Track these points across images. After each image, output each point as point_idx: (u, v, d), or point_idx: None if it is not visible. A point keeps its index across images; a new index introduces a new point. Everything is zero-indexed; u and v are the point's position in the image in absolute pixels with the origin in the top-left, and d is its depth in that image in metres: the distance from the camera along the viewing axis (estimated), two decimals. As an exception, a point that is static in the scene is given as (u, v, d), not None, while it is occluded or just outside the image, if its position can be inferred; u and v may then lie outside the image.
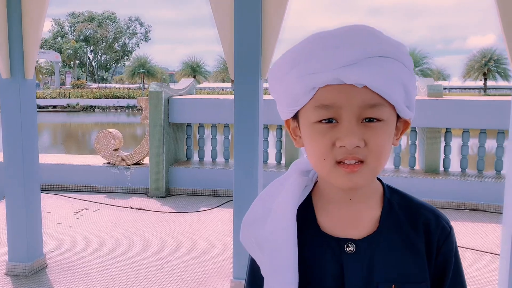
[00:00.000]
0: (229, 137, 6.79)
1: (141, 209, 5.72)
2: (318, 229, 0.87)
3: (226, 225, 5.05)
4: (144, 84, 56.55)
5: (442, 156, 6.15)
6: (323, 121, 0.79)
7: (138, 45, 68.43)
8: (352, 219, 0.86)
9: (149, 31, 68.90)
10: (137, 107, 45.58)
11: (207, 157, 7.00)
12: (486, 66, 49.41)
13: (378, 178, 0.91)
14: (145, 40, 68.46)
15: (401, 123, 0.85)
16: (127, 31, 68.20)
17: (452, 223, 0.90)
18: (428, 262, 0.86)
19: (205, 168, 6.55)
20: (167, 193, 6.46)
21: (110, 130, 6.75)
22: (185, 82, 7.34)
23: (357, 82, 0.75)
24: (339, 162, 0.78)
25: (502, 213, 4.97)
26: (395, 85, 0.78)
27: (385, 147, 0.80)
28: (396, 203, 0.89)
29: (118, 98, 48.17)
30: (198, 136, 6.93)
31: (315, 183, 0.92)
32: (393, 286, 0.83)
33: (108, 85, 59.91)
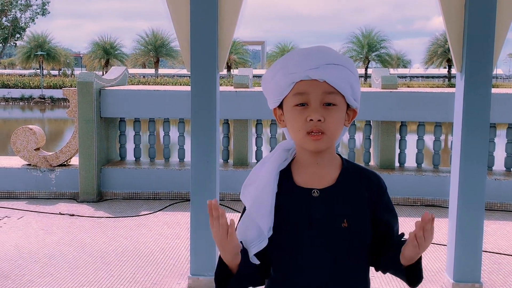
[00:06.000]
0: (170, 134, 7.44)
1: (73, 215, 6.24)
2: (293, 184, 1.62)
3: (173, 229, 5.73)
4: (43, 69, 54.87)
5: (398, 151, 7.19)
6: (299, 105, 1.55)
7: (33, 20, 66.07)
8: (318, 176, 1.62)
9: (48, 2, 66.89)
10: (34, 98, 44.51)
11: (144, 156, 7.60)
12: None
13: (338, 153, 1.68)
14: (43, 14, 66.28)
15: (351, 111, 1.64)
16: (18, 2, 65.75)
17: (408, 220, 1.68)
18: (369, 207, 1.61)
19: (142, 169, 7.16)
20: (99, 198, 7.00)
21: (30, 126, 7.17)
22: (117, 70, 7.89)
23: (319, 78, 1.54)
24: (308, 133, 1.53)
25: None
26: (344, 82, 1.56)
27: (338, 123, 1.57)
28: (350, 168, 1.66)
29: (9, 87, 46.62)
30: (133, 133, 7.51)
31: (293, 158, 1.68)
32: (345, 220, 1.58)
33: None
